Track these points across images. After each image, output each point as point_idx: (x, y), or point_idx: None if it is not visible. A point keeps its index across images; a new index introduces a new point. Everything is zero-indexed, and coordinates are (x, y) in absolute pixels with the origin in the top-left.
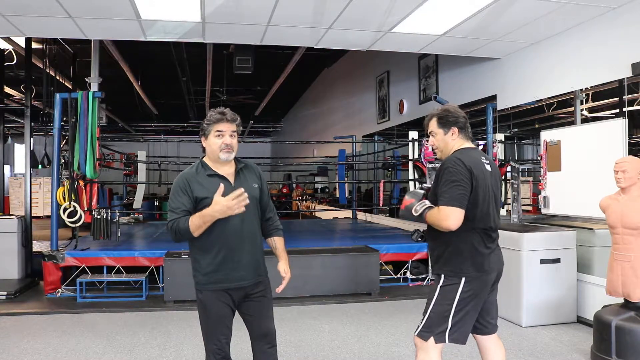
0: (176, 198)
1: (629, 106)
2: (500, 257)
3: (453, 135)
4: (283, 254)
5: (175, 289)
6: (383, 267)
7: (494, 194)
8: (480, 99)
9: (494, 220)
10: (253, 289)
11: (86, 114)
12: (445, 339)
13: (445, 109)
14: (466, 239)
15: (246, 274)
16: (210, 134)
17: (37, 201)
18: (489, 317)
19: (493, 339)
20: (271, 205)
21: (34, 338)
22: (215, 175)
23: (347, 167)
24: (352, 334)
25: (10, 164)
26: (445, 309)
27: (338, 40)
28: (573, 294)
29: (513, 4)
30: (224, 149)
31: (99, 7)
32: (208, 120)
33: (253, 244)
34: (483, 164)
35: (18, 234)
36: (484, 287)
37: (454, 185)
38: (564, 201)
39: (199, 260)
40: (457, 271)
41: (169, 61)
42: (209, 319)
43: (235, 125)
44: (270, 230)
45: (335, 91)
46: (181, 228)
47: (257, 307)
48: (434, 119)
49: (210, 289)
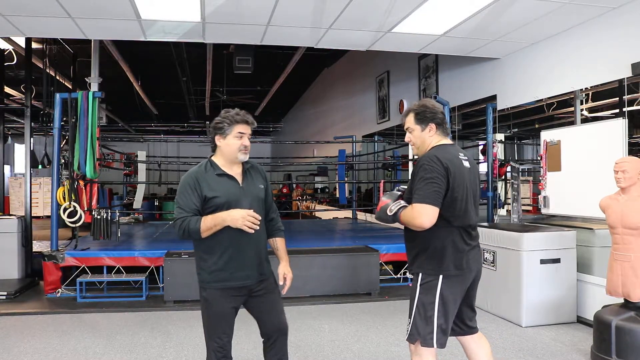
0: (185, 196)
1: (628, 106)
2: (479, 257)
3: (430, 131)
4: (284, 255)
5: (175, 289)
6: (383, 267)
7: (473, 190)
8: (480, 99)
9: (472, 217)
10: (257, 287)
11: (86, 114)
12: (433, 344)
13: (423, 104)
14: (445, 237)
15: (251, 273)
16: (230, 134)
17: (37, 201)
18: (468, 318)
19: (475, 338)
20: (274, 206)
21: (34, 338)
22: (224, 175)
23: (347, 167)
24: (352, 334)
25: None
26: (429, 307)
27: (338, 40)
28: (573, 294)
29: (513, 4)
30: (243, 150)
31: (99, 7)
32: (229, 120)
33: (258, 244)
34: (461, 160)
35: (18, 234)
36: (462, 285)
37: (428, 182)
38: (564, 201)
39: (205, 259)
40: (435, 269)
41: (169, 61)
42: (211, 316)
43: (251, 128)
44: (273, 231)
45: (335, 91)
46: (191, 228)
47: (266, 303)
48: (411, 115)
49: (215, 287)
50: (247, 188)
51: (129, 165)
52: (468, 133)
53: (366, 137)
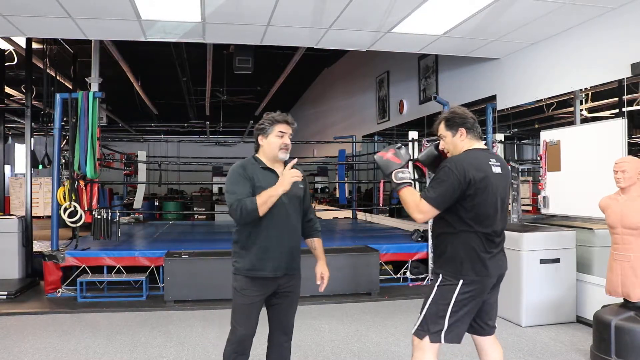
0: (238, 183)
1: (628, 106)
2: (502, 262)
3: (462, 136)
4: (322, 255)
5: (176, 289)
6: (383, 267)
7: (501, 196)
8: (480, 99)
9: (497, 224)
10: (285, 283)
11: (86, 114)
12: (441, 339)
13: (452, 111)
14: (466, 242)
15: (280, 265)
16: (271, 133)
17: (37, 201)
18: (488, 318)
19: (490, 339)
20: (312, 208)
21: (34, 338)
22: (268, 169)
23: (347, 167)
24: (352, 334)
25: (11, 164)
26: (442, 308)
27: (338, 41)
28: (573, 293)
29: (513, 4)
30: (283, 148)
31: (99, 7)
32: (270, 120)
33: (292, 239)
34: (490, 166)
35: (18, 234)
36: (482, 290)
37: (442, 185)
38: (564, 201)
39: (242, 251)
40: (455, 273)
41: (169, 61)
42: (238, 306)
43: (292, 129)
44: (311, 232)
45: (335, 91)
46: (249, 207)
47: (284, 301)
48: (442, 122)
49: (245, 275)
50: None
51: (129, 165)
52: None
53: (366, 137)
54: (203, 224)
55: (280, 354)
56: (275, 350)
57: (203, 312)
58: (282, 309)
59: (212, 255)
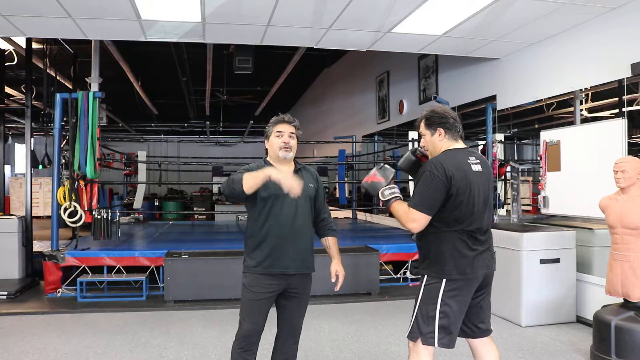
0: (239, 172)
1: (628, 106)
2: (489, 261)
3: (440, 136)
4: (336, 254)
5: (176, 289)
6: (383, 267)
7: (484, 194)
8: (480, 99)
9: (480, 221)
10: (295, 283)
11: (86, 114)
12: (435, 343)
13: (432, 110)
14: (450, 241)
15: (290, 263)
16: (271, 134)
17: (37, 201)
18: (479, 321)
19: (485, 342)
20: (326, 208)
21: (34, 338)
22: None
23: (347, 167)
24: (352, 334)
25: (11, 164)
26: (431, 308)
27: (338, 40)
28: (572, 293)
29: (513, 4)
30: (283, 147)
31: (99, 7)
32: (270, 124)
33: (302, 238)
34: (469, 165)
35: (18, 233)
36: (468, 289)
37: (428, 190)
38: (564, 201)
39: (253, 248)
40: (438, 272)
41: (169, 61)
42: (246, 302)
43: (293, 127)
44: (325, 231)
45: (335, 91)
46: (235, 178)
47: (294, 302)
48: (422, 121)
49: (255, 272)
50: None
51: (129, 165)
52: (468, 133)
53: (366, 137)
54: (203, 224)
55: (285, 355)
56: (281, 351)
57: (203, 312)
58: (290, 311)
59: (212, 255)
